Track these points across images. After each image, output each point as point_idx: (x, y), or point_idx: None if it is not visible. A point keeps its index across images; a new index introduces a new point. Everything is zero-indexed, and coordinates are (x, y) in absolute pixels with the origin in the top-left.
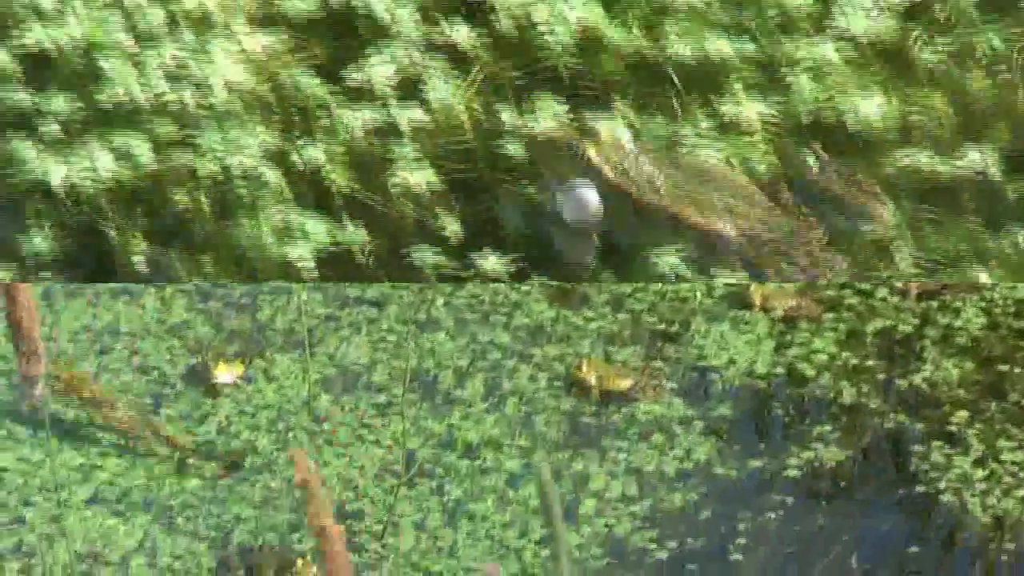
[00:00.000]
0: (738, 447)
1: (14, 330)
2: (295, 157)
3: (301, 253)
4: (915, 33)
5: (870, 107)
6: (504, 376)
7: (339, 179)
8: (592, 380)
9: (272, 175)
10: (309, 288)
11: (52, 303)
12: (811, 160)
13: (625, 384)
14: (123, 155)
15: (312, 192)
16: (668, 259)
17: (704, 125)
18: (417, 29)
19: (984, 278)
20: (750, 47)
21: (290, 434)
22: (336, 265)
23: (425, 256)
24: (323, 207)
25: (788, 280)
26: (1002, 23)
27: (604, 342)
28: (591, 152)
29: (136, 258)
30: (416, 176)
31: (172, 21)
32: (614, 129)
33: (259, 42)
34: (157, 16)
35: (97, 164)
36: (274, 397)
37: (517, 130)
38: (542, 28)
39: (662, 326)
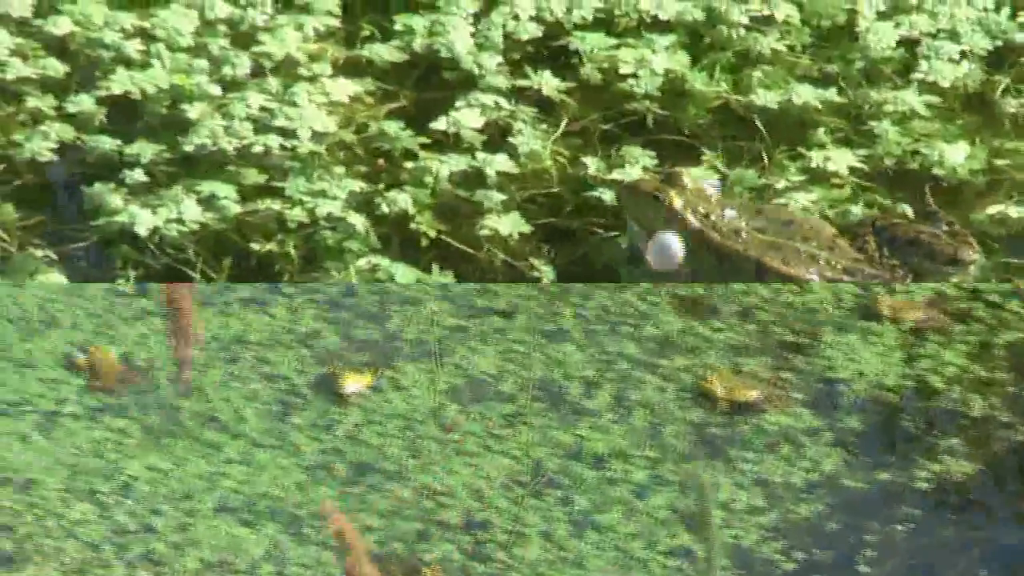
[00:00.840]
0: (866, 459)
1: (172, 313)
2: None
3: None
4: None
5: (956, 155)
6: (632, 387)
7: (427, 227)
8: (720, 391)
9: (359, 222)
10: (438, 297)
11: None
12: (903, 207)
13: (753, 395)
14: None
15: (399, 240)
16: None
17: (792, 172)
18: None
19: None
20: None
21: (418, 442)
22: None
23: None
24: (409, 255)
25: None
26: None
27: (732, 353)
28: (675, 200)
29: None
30: (504, 223)
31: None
32: (698, 177)
33: (345, 90)
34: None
35: (184, 212)
36: (402, 406)
37: (604, 179)
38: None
39: (790, 337)
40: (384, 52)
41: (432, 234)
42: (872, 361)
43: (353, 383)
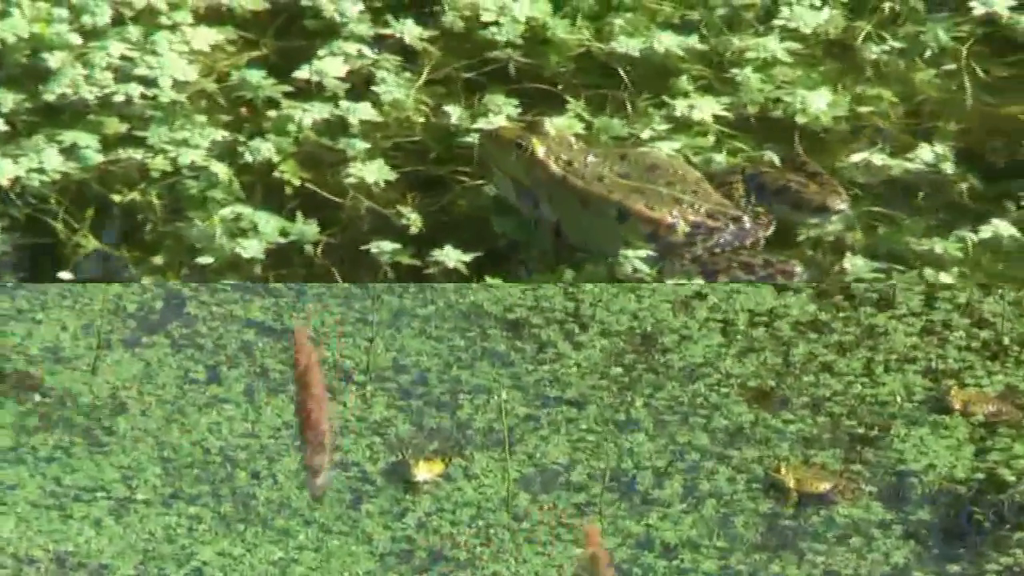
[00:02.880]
0: (937, 551)
1: (302, 419)
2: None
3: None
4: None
5: (818, 102)
6: (702, 477)
7: (290, 175)
8: (791, 482)
9: (222, 171)
10: (508, 386)
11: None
12: (769, 155)
13: (824, 487)
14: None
15: (263, 188)
16: (631, 260)
17: (656, 120)
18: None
19: (946, 279)
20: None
21: (490, 531)
22: (287, 260)
23: (384, 250)
24: (274, 203)
25: (738, 281)
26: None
27: (803, 445)
28: (537, 147)
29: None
30: (369, 171)
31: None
32: (561, 125)
33: (206, 38)
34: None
35: (45, 162)
36: (473, 495)
37: (468, 127)
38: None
39: (861, 429)
40: (245, 0)
41: (296, 182)
42: (943, 454)
43: (424, 471)
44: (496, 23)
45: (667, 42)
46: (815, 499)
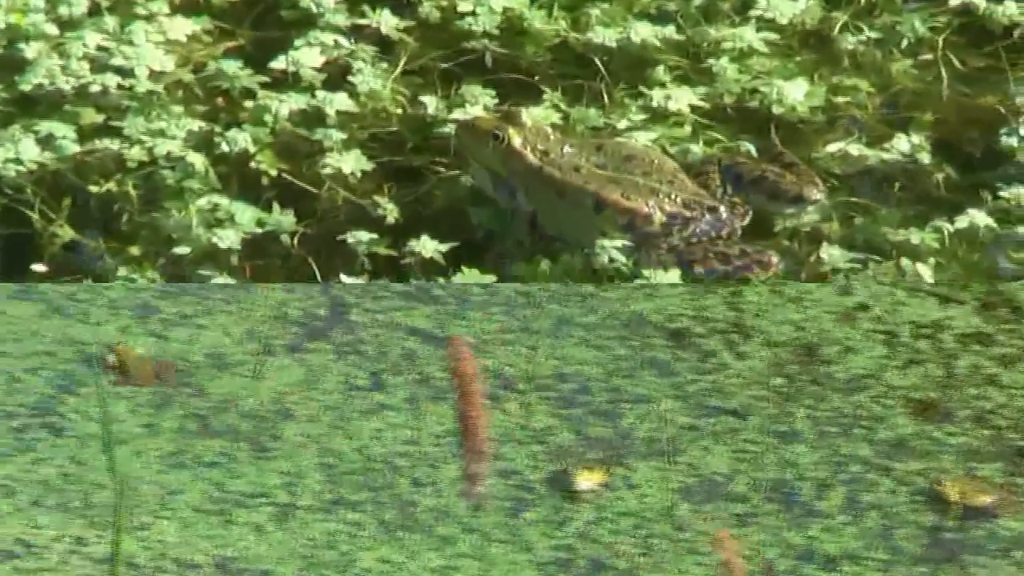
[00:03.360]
0: None
1: (462, 427)
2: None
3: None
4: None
5: (795, 92)
6: (864, 489)
7: (267, 165)
8: (953, 495)
9: (199, 161)
10: (669, 395)
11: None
12: (746, 145)
13: (986, 500)
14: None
15: (239, 178)
16: (608, 250)
17: (633, 111)
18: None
19: (925, 274)
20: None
21: (650, 541)
22: (263, 251)
23: (360, 240)
24: (250, 194)
25: (714, 271)
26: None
27: (966, 457)
28: (514, 138)
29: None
30: (346, 161)
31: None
32: (537, 115)
33: (183, 29)
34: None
35: (22, 152)
36: (634, 504)
37: (444, 117)
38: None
39: None
40: None
41: (273, 173)
42: None
43: (586, 480)
44: (473, 13)
45: (644, 32)
46: (978, 512)
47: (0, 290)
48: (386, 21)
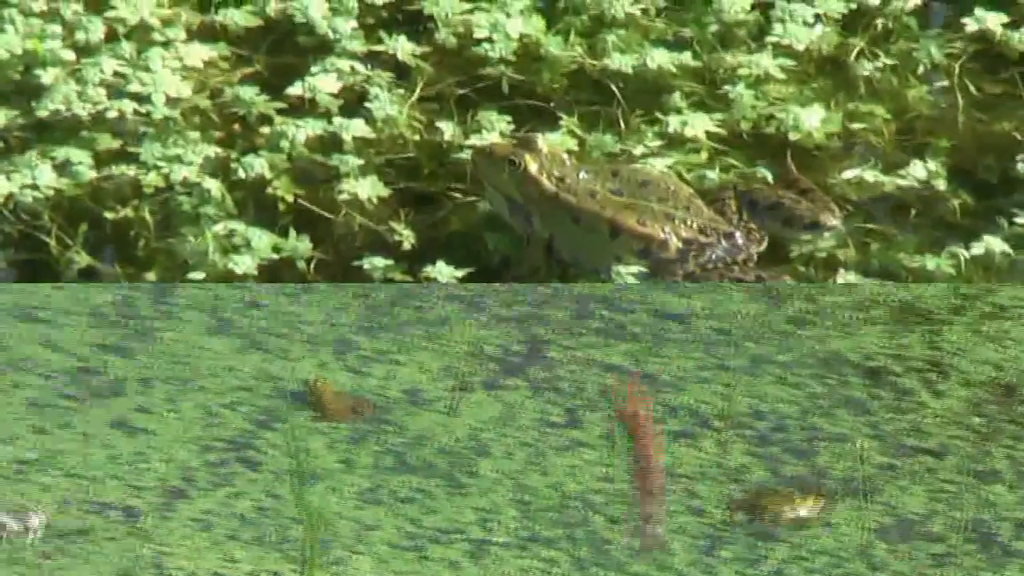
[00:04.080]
0: None
1: (637, 467)
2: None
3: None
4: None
5: (811, 119)
6: None
7: (283, 191)
8: None
9: (215, 187)
10: (866, 433)
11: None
12: (762, 171)
13: None
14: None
15: (255, 204)
16: (623, 274)
17: (649, 137)
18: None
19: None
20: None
21: None
22: (279, 276)
23: (376, 266)
24: (266, 219)
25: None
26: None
27: None
28: (530, 164)
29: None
30: (362, 187)
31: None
32: (553, 141)
33: (199, 55)
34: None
35: (39, 178)
36: (830, 543)
37: (461, 143)
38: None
39: None
40: (238, 17)
41: (289, 198)
42: None
43: (803, 507)
44: (489, 40)
45: (660, 59)
46: None
47: (199, 324)
48: (402, 47)
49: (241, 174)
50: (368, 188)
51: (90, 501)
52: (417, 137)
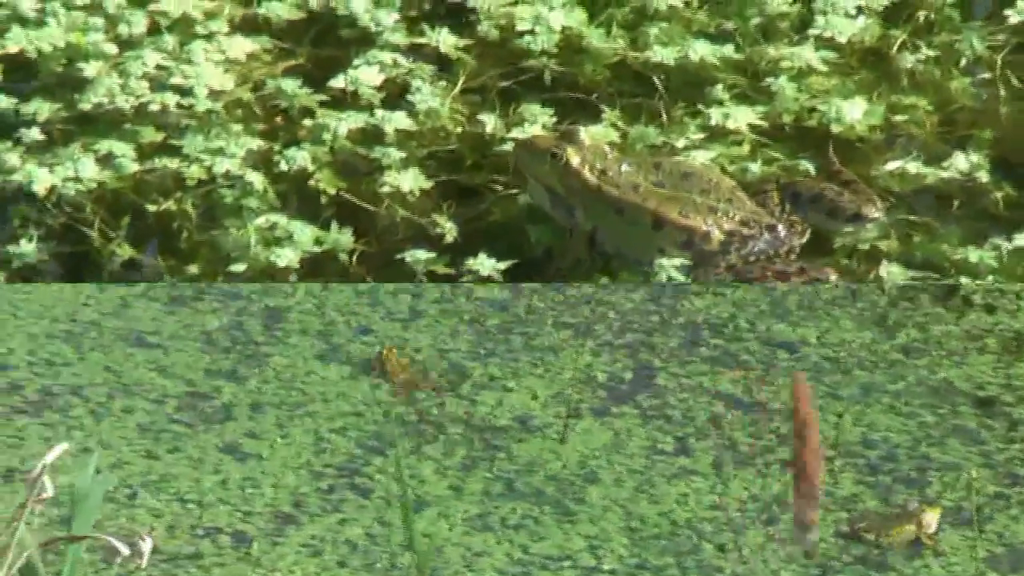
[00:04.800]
0: None
1: (797, 471)
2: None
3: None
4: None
5: (854, 111)
6: None
7: (326, 184)
8: None
9: (257, 180)
10: (977, 463)
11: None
12: (804, 164)
13: None
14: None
15: (298, 197)
16: (666, 268)
17: (691, 129)
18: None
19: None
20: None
21: None
22: (321, 269)
23: (418, 258)
24: (309, 212)
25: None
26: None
27: None
28: (572, 156)
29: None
30: (404, 179)
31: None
32: (595, 134)
33: (242, 48)
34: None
35: (81, 171)
36: (941, 572)
37: (503, 136)
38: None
39: None
40: (281, 9)
41: (331, 191)
42: None
43: (929, 516)
44: (531, 32)
45: (702, 51)
46: None
47: (305, 349)
48: (445, 40)
49: (283, 167)
50: (410, 180)
51: (200, 526)
52: (459, 130)
